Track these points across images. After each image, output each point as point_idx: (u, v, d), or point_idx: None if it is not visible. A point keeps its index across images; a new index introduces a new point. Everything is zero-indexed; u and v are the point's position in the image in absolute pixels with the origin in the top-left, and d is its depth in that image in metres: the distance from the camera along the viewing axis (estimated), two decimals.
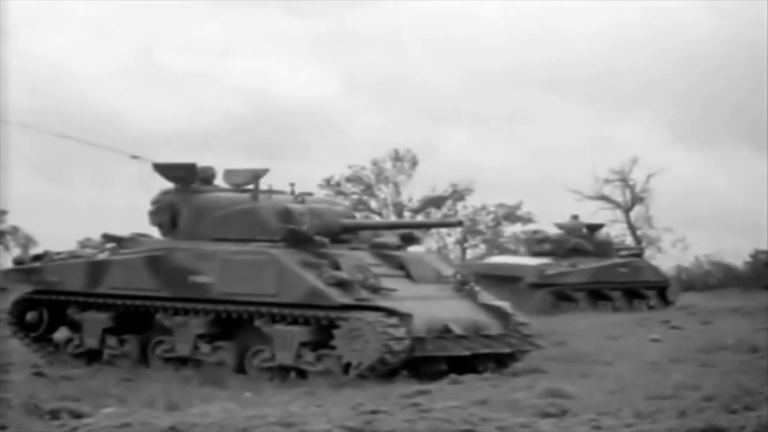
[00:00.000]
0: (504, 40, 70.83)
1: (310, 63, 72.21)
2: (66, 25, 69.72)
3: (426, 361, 14.68)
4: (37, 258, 17.85)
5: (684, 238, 50.52)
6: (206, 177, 17.03)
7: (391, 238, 17.16)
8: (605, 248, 35.75)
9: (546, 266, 33.22)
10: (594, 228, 36.67)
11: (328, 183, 57.97)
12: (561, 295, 32.77)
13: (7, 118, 18.34)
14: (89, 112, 59.82)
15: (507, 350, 15.48)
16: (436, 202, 59.96)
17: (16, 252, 49.63)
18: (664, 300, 34.79)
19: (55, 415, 10.23)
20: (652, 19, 66.31)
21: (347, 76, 70.59)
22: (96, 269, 16.72)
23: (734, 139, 67.86)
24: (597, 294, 33.41)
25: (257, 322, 15.19)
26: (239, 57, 71.30)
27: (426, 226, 52.43)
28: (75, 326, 17.29)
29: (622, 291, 33.85)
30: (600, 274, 33.68)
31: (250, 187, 16.42)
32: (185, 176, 16.72)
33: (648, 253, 45.61)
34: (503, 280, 32.37)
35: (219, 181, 17.11)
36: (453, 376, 13.87)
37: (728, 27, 65.56)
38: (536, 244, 35.63)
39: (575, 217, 37.02)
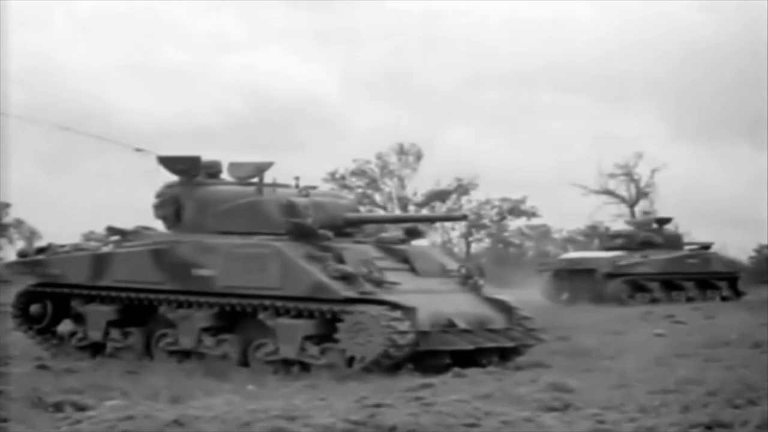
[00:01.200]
0: (508, 37, 70.92)
1: (311, 58, 72.32)
2: (64, 21, 69.85)
3: (430, 355, 14.66)
4: (41, 251, 17.85)
5: (689, 233, 50.63)
6: (213, 172, 17.02)
7: (395, 231, 17.17)
8: (675, 240, 37.33)
9: (619, 258, 34.83)
10: (663, 221, 37.93)
11: (332, 177, 58.10)
12: (635, 286, 34.12)
13: (12, 111, 18.35)
14: (88, 108, 59.93)
15: (511, 344, 15.48)
16: (441, 196, 60.03)
17: (20, 245, 49.78)
18: (736, 291, 35.84)
19: (58, 407, 10.23)
20: (654, 19, 66.43)
21: (350, 72, 70.70)
22: (100, 262, 16.73)
23: (735, 136, 67.95)
24: (670, 284, 34.62)
25: (261, 316, 15.18)
26: (240, 52, 71.44)
27: (430, 220, 52.60)
28: (79, 319, 17.31)
29: (695, 282, 34.87)
30: (671, 265, 35.25)
31: (255, 180, 16.42)
32: (189, 169, 16.72)
33: None
34: (579, 273, 34.36)
35: (223, 174, 17.10)
36: (457, 369, 13.86)
37: (728, 27, 65.64)
38: (609, 239, 37.59)
39: (646, 213, 38.47)
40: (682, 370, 12.97)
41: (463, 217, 35.44)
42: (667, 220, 38.29)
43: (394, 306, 14.42)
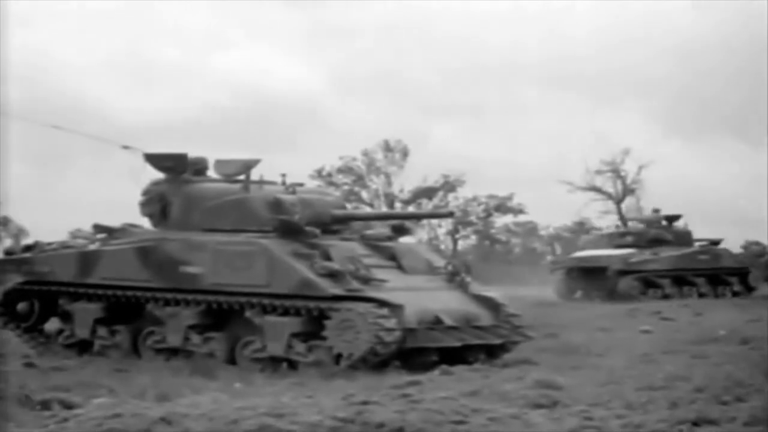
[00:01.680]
0: (498, 36, 71.07)
1: (300, 55, 72.32)
2: (55, 18, 69.74)
3: (417, 352, 14.66)
4: (28, 248, 17.80)
5: None
6: (199, 168, 16.98)
7: (382, 229, 17.16)
8: (685, 237, 37.59)
9: (630, 255, 35.27)
10: (672, 219, 38.16)
11: (319, 174, 58.14)
12: (647, 282, 34.52)
13: (3, 109, 18.29)
14: (78, 104, 59.87)
15: (498, 341, 15.48)
16: (428, 193, 60.11)
17: (7, 243, 49.66)
18: (747, 286, 36.16)
19: (46, 405, 10.21)
20: (646, 16, 66.60)
21: (338, 69, 70.74)
22: (87, 260, 16.68)
23: (726, 133, 68.18)
24: (682, 281, 35.07)
25: (248, 313, 15.16)
26: (230, 49, 71.45)
27: (417, 217, 52.55)
28: (66, 317, 17.26)
29: (706, 277, 35.46)
30: (681, 261, 35.70)
31: (241, 177, 16.38)
32: (176, 166, 16.67)
33: None
34: (591, 270, 34.80)
35: (210, 172, 17.06)
36: (444, 367, 13.85)
37: (721, 24, 65.85)
38: (619, 237, 37.92)
39: (656, 210, 38.87)
40: (669, 367, 12.98)
41: (450, 214, 35.48)
42: (677, 218, 38.51)
43: (381, 303, 14.41)
